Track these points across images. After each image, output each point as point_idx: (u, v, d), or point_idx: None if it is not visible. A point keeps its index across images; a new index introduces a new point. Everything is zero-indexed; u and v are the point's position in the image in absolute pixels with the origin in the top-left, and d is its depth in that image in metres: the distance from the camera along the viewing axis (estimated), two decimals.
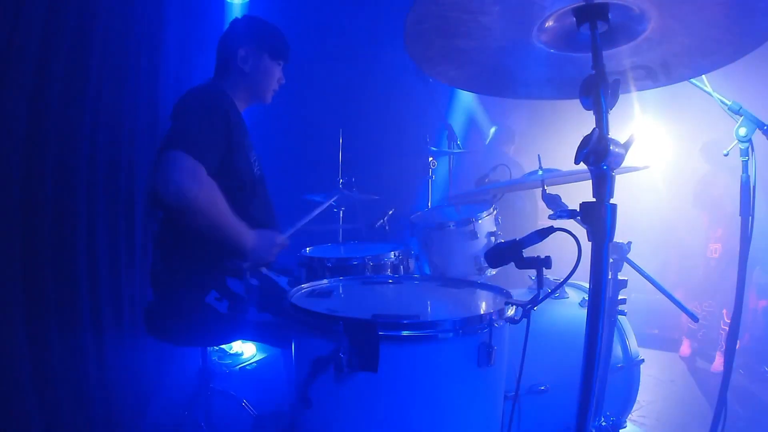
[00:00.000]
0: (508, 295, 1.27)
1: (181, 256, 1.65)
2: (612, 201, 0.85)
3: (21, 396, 1.70)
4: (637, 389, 1.85)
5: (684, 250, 3.97)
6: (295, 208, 2.20)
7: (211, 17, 3.55)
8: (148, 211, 1.79)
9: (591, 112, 0.86)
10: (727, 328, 3.28)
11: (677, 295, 1.61)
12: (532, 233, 1.06)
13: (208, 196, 1.47)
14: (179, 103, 1.65)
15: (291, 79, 1.98)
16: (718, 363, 3.43)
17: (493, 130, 4.46)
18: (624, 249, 1.55)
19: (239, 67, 1.80)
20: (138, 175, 2.46)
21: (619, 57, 1.01)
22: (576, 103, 0.90)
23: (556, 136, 3.32)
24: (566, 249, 1.05)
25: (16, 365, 1.70)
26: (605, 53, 0.88)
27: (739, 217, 1.56)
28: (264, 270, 1.77)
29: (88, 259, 2.09)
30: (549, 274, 1.78)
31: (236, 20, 1.89)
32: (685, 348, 3.61)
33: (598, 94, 0.84)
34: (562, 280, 1.12)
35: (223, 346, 2.90)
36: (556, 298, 1.87)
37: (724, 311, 3.43)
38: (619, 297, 1.56)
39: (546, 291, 1.09)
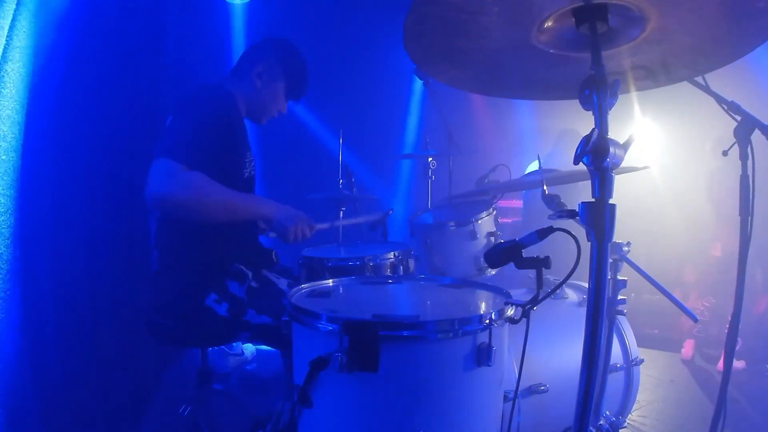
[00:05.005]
0: (507, 295, 1.27)
1: (179, 258, 1.65)
2: (611, 201, 0.85)
3: (20, 395, 1.70)
4: (637, 389, 1.85)
5: (684, 250, 3.96)
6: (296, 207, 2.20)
7: (212, 17, 3.55)
8: (148, 212, 1.82)
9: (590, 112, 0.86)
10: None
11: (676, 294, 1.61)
12: (531, 233, 1.06)
13: (193, 187, 1.49)
14: (181, 100, 1.65)
15: None
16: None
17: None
18: (623, 249, 1.55)
19: (253, 79, 1.83)
20: (137, 173, 2.45)
21: (619, 57, 1.01)
22: (576, 103, 0.90)
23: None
24: (566, 249, 1.05)
25: (15, 365, 1.70)
26: (605, 53, 0.88)
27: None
28: (264, 272, 1.77)
29: (87, 259, 2.09)
30: (549, 274, 1.78)
31: (274, 39, 1.91)
32: (688, 350, 3.58)
33: (597, 94, 0.84)
34: (561, 280, 1.12)
35: (223, 346, 2.90)
36: (555, 298, 1.86)
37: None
38: (619, 297, 1.56)
39: (546, 291, 1.09)
